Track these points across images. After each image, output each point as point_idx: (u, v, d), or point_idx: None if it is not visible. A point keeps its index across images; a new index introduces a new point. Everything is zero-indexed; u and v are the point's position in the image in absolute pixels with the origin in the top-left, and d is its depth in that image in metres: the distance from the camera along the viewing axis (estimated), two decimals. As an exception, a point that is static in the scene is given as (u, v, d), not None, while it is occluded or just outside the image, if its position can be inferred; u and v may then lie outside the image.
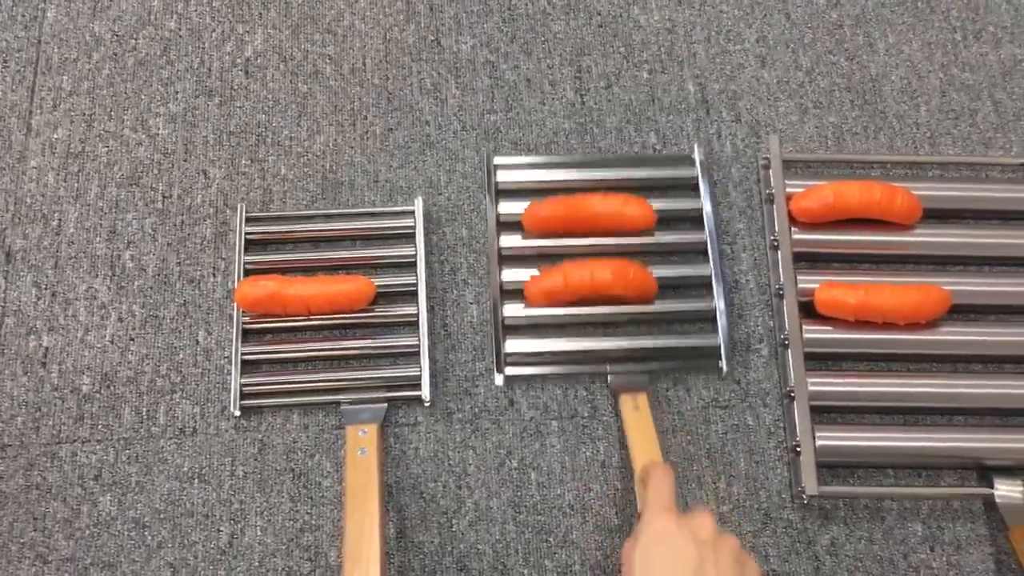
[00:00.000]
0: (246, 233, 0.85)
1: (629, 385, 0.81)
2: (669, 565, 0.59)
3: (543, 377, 0.83)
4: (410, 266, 0.85)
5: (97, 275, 0.84)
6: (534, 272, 0.84)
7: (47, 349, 0.82)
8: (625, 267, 0.81)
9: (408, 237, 0.86)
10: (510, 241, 0.85)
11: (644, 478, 0.70)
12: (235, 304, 0.82)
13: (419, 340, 0.82)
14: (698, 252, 0.87)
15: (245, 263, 0.84)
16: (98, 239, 0.86)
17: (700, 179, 0.88)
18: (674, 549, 0.60)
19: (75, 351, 0.82)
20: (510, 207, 0.86)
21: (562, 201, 0.84)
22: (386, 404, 0.80)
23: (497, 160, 0.89)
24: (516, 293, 0.84)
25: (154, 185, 0.88)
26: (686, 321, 0.85)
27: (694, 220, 0.87)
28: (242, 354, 0.81)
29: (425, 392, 0.80)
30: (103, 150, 0.89)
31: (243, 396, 0.80)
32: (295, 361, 0.82)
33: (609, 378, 0.82)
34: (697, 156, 0.89)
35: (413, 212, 0.86)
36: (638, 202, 0.83)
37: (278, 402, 0.81)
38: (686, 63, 0.95)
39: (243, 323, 0.82)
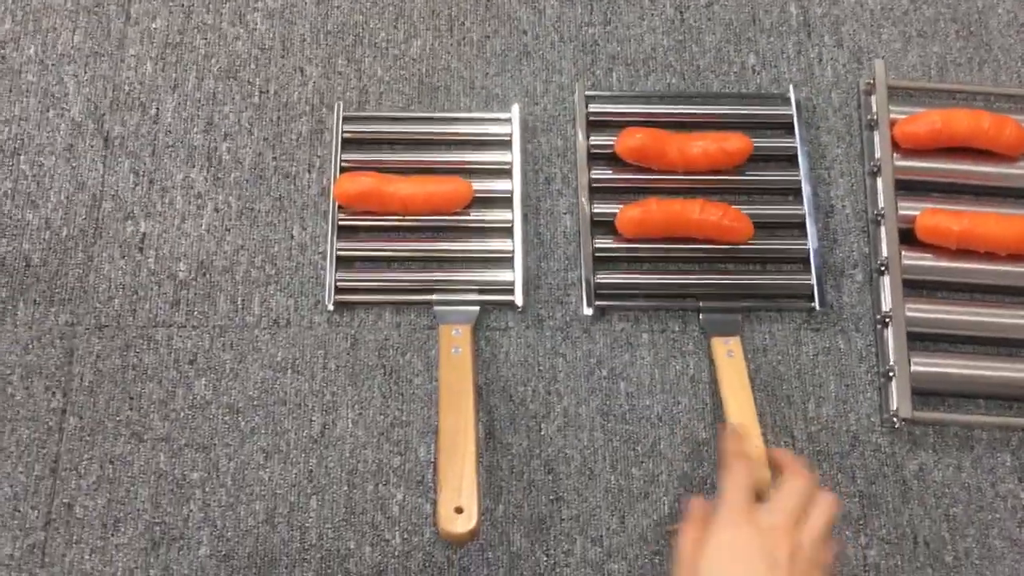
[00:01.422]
0: (343, 131, 0.84)
1: (721, 327, 0.80)
2: None
3: (633, 308, 0.82)
4: (506, 173, 0.84)
5: (194, 165, 0.84)
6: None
7: (144, 235, 0.82)
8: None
9: (504, 144, 0.85)
10: (601, 174, 0.85)
11: (724, 459, 0.64)
12: (332, 200, 0.82)
13: (513, 246, 0.82)
14: (792, 191, 0.85)
15: (341, 161, 0.83)
16: (195, 130, 0.85)
17: (795, 119, 0.86)
18: (745, 566, 0.56)
19: (172, 238, 0.82)
20: (602, 139, 0.85)
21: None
22: (478, 307, 0.80)
23: (589, 92, 0.87)
24: (609, 225, 0.83)
25: (251, 80, 0.87)
26: (779, 261, 0.84)
27: (789, 159, 0.86)
28: (337, 250, 0.81)
29: (518, 298, 0.80)
30: (201, 42, 0.88)
31: (337, 291, 0.80)
32: (389, 260, 0.82)
33: (701, 318, 0.81)
34: (792, 96, 0.87)
35: (510, 119, 0.85)
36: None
37: (371, 299, 0.81)
38: (789, -15, 0.93)
39: (338, 220, 0.82)
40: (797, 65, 0.90)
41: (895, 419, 0.77)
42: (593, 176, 0.84)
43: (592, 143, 0.85)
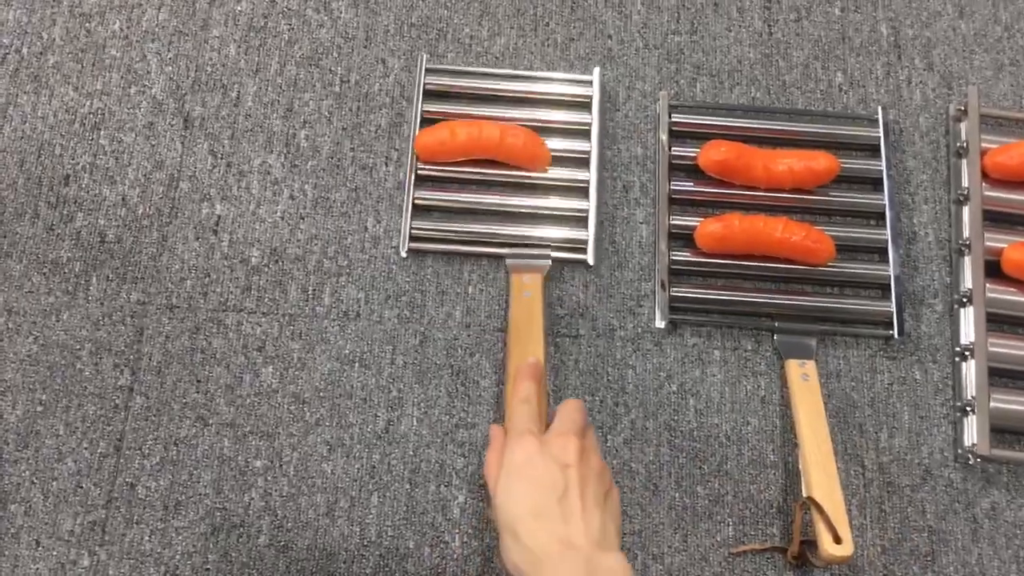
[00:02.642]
0: (425, 83, 0.85)
1: (796, 350, 0.78)
2: (532, 494, 0.57)
3: (706, 324, 0.81)
4: (584, 134, 0.84)
5: (272, 151, 0.84)
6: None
7: (219, 217, 0.82)
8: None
9: (584, 106, 0.85)
10: (681, 185, 0.84)
11: (509, 403, 0.67)
12: (412, 148, 0.82)
13: (588, 205, 0.82)
14: (874, 216, 0.84)
15: (422, 112, 0.84)
16: (275, 115, 0.85)
17: (882, 142, 0.84)
18: (537, 476, 0.58)
19: (246, 223, 0.82)
20: (684, 150, 0.84)
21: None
22: (550, 261, 0.80)
23: (674, 101, 0.86)
24: (686, 238, 0.82)
25: (333, 68, 0.87)
26: (858, 286, 0.82)
27: (873, 182, 0.84)
28: (414, 198, 0.81)
29: (590, 256, 0.80)
30: (285, 27, 0.88)
31: (412, 239, 0.81)
32: (464, 211, 0.82)
33: (775, 339, 0.80)
34: (880, 118, 0.85)
35: (592, 82, 0.85)
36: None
37: (445, 248, 0.81)
38: (880, 4, 0.91)
39: (417, 168, 0.82)
40: (885, 87, 0.88)
41: (970, 455, 0.76)
42: (672, 187, 0.83)
43: (673, 153, 0.84)
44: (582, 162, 0.83)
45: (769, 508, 0.75)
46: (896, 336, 0.79)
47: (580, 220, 0.82)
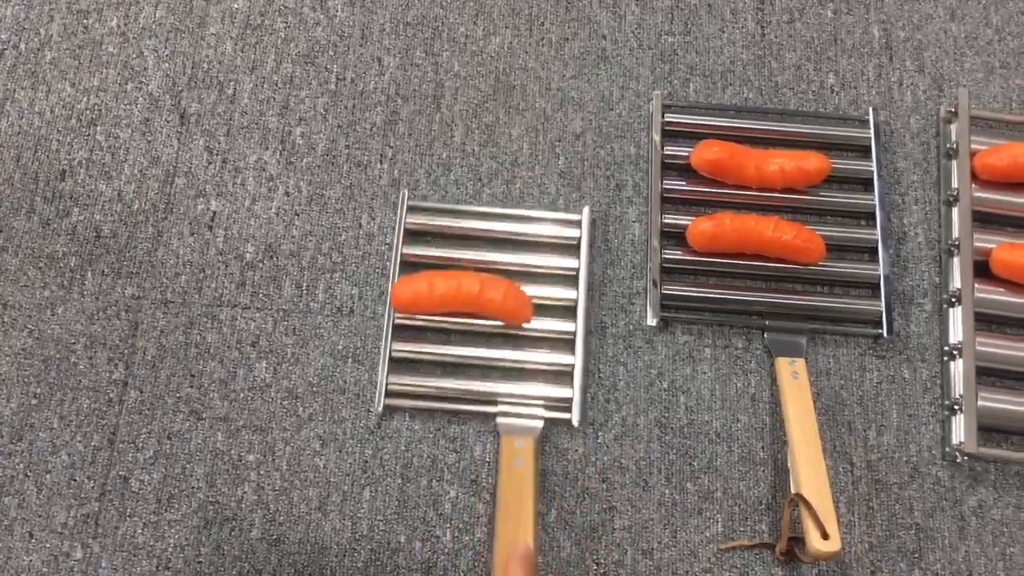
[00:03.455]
0: (406, 223, 0.81)
1: (786, 348, 0.79)
2: None
3: (697, 322, 0.81)
4: (571, 280, 0.81)
5: (267, 147, 0.84)
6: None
7: (215, 213, 0.82)
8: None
9: (572, 249, 0.81)
10: (673, 184, 0.84)
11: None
12: (388, 302, 0.78)
13: (573, 360, 0.78)
14: (865, 216, 0.84)
15: (401, 255, 0.80)
16: (271, 112, 0.86)
17: (873, 143, 0.85)
18: None
19: (241, 219, 0.82)
20: (676, 149, 0.85)
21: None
22: (542, 422, 0.77)
23: (667, 101, 0.87)
24: (678, 236, 0.82)
25: (329, 66, 0.87)
26: (848, 285, 0.83)
27: (863, 183, 0.85)
28: (392, 351, 0.77)
29: (575, 417, 0.77)
30: (281, 25, 0.89)
31: (388, 395, 0.77)
32: (447, 365, 0.79)
33: (766, 336, 0.80)
34: (871, 119, 0.86)
35: (580, 222, 0.82)
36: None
37: (426, 405, 0.77)
38: (872, 7, 0.92)
39: (395, 319, 0.78)
40: (876, 88, 0.89)
41: (958, 453, 0.76)
42: (665, 186, 0.83)
43: (666, 153, 0.84)
44: (569, 311, 0.80)
45: (758, 505, 0.76)
46: (885, 335, 0.80)
47: (565, 375, 0.78)
